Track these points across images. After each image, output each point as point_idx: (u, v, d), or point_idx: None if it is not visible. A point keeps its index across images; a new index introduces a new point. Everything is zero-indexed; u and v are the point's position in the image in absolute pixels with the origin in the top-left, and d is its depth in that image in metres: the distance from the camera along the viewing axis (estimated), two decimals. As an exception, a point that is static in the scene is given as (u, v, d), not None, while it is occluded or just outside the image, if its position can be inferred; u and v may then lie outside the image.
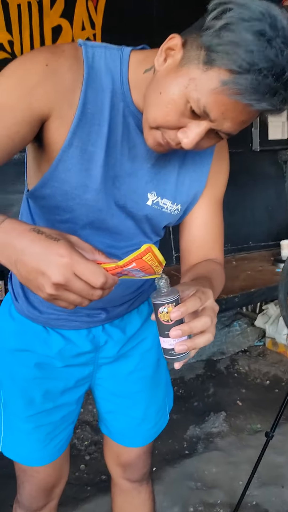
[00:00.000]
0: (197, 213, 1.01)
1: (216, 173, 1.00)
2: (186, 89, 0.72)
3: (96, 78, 0.82)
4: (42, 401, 1.09)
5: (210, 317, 0.69)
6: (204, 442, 2.30)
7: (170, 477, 2.07)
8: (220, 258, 1.03)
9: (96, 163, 0.84)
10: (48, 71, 0.77)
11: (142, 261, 0.63)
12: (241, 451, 2.22)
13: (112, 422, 1.22)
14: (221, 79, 0.68)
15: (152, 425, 1.22)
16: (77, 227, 0.92)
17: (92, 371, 1.14)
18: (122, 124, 0.85)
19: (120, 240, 0.97)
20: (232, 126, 0.74)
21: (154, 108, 0.77)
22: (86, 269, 0.59)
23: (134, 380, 1.17)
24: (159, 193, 0.94)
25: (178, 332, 0.67)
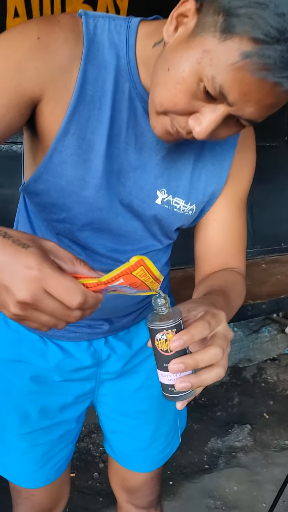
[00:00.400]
0: (215, 214, 0.87)
1: (239, 167, 0.85)
2: (199, 64, 0.58)
3: (98, 53, 0.69)
4: (38, 417, 0.99)
5: (222, 347, 0.55)
6: (226, 456, 2.16)
7: (187, 493, 1.94)
8: (241, 267, 0.89)
9: (96, 154, 0.72)
10: (40, 45, 0.65)
11: (131, 276, 0.49)
12: (266, 469, 2.07)
13: (116, 443, 1.10)
14: (243, 51, 0.53)
15: (161, 449, 1.10)
16: (74, 228, 0.80)
17: (94, 386, 1.03)
18: (127, 108, 0.73)
19: (125, 243, 0.85)
20: (256, 112, 0.59)
21: (161, 88, 0.63)
22: (59, 285, 0.47)
23: (141, 399, 1.05)
24: (170, 190, 0.81)
25: (179, 366, 0.53)
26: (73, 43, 0.68)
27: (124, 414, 1.06)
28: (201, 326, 0.54)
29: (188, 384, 0.54)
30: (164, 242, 0.90)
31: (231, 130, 0.66)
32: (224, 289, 0.75)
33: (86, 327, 0.95)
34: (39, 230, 0.88)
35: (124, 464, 1.11)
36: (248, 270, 2.48)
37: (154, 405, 1.06)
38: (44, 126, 0.71)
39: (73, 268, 0.53)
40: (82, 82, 0.68)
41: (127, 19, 0.71)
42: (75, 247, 0.85)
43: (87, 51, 0.68)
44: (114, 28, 0.70)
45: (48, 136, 0.71)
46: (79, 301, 0.48)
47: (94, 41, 0.69)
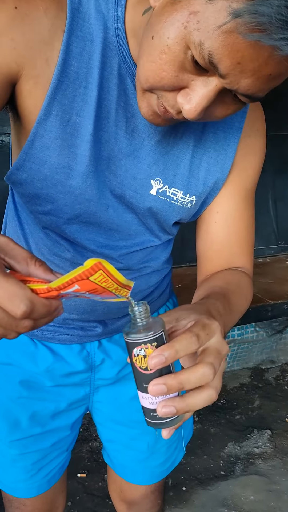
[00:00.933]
0: (218, 206, 0.77)
1: (245, 154, 0.75)
2: (185, 29, 0.49)
3: (84, 24, 0.61)
4: (29, 424, 0.93)
5: (213, 365, 0.46)
6: (244, 463, 2.06)
7: (201, 500, 1.86)
8: (248, 267, 0.79)
9: (83, 139, 0.64)
10: (17, 15, 0.58)
11: (89, 282, 0.41)
12: (285, 478, 1.95)
13: (114, 452, 1.03)
14: (232, 9, 0.44)
15: (162, 461, 1.02)
16: (60, 222, 0.72)
17: (88, 393, 0.95)
18: (117, 87, 0.64)
19: (117, 238, 0.77)
20: (253, 84, 0.50)
21: (145, 60, 0.54)
22: (1, 291, 0.40)
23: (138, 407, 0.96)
24: (166, 180, 0.72)
25: (161, 387, 0.44)
26: (55, 13, 0.60)
27: (121, 423, 0.98)
28: (187, 340, 0.46)
29: (172, 409, 0.44)
30: (162, 237, 0.81)
31: (229, 108, 0.57)
32: (225, 291, 0.66)
33: (78, 329, 0.88)
34: (26, 223, 0.81)
35: (122, 475, 1.04)
36: (271, 267, 2.37)
37: (154, 414, 0.98)
38: (24, 108, 0.63)
39: (26, 269, 0.45)
40: (65, 56, 0.61)
41: None
42: (63, 242, 0.77)
43: (71, 21, 0.61)
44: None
45: (29, 118, 0.64)
46: (23, 310, 0.40)
47: (79, 11, 0.61)
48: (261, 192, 2.33)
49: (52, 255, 0.79)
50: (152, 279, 0.88)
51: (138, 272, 0.83)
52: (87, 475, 1.97)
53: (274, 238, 2.42)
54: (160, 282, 0.92)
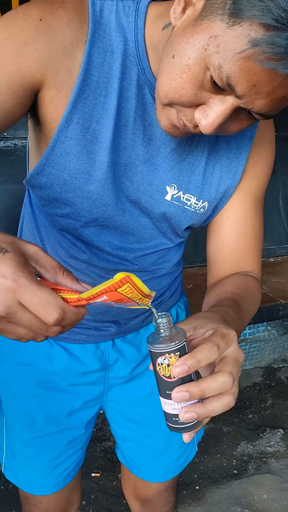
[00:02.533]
0: (228, 212, 0.79)
1: (256, 162, 0.78)
2: (205, 51, 0.52)
3: (105, 36, 0.64)
4: (44, 423, 0.95)
5: (232, 374, 0.48)
6: (256, 462, 2.06)
7: (214, 498, 1.87)
8: (257, 271, 0.81)
9: (102, 146, 0.66)
10: (42, 27, 0.60)
11: (116, 293, 0.44)
12: (298, 477, 1.96)
13: (128, 451, 1.05)
14: (251, 38, 0.47)
15: (175, 458, 1.04)
16: (78, 225, 0.75)
17: (102, 391, 0.97)
18: (135, 96, 0.67)
19: (132, 241, 0.79)
20: (267, 104, 0.53)
21: (166, 77, 0.57)
22: (36, 298, 0.42)
23: (152, 405, 0.99)
24: (181, 186, 0.74)
25: (183, 394, 0.47)
26: (78, 25, 0.62)
27: (135, 421, 1.00)
28: (208, 350, 0.48)
29: (193, 414, 0.47)
30: (174, 240, 0.83)
31: (242, 123, 0.60)
32: (236, 298, 0.68)
33: (93, 329, 0.90)
34: (42, 225, 0.83)
35: (136, 472, 1.06)
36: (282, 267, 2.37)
37: (167, 412, 1.00)
38: (46, 115, 0.66)
39: (55, 278, 0.47)
40: (86, 66, 0.63)
41: (136, 0, 0.65)
42: (79, 244, 0.79)
43: (93, 33, 0.63)
44: (122, 9, 0.65)
45: (50, 125, 0.66)
46: (56, 317, 0.42)
47: (100, 23, 0.64)
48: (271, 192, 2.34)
49: (68, 257, 0.81)
50: (164, 280, 0.90)
51: (152, 273, 0.85)
52: (101, 475, 1.99)
53: (285, 238, 2.42)
54: (171, 283, 0.94)
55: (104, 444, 2.16)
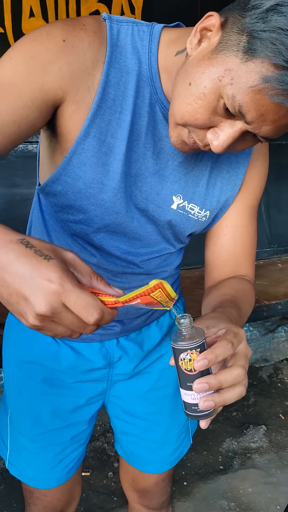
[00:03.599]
0: (227, 221, 0.87)
1: (253, 175, 0.85)
2: (220, 82, 0.59)
3: (121, 58, 0.70)
4: (50, 419, 0.99)
5: (244, 367, 0.55)
6: (241, 457, 2.14)
7: (202, 493, 1.93)
8: (251, 276, 0.88)
9: (115, 158, 0.72)
10: (65, 47, 0.65)
11: (149, 297, 0.51)
12: (280, 471, 2.04)
13: (128, 444, 1.10)
14: (263, 75, 0.55)
15: (173, 450, 1.09)
16: (90, 230, 0.81)
17: (105, 388, 1.02)
18: (147, 114, 0.73)
19: (139, 246, 0.85)
20: (272, 130, 0.61)
21: (182, 102, 0.64)
22: (79, 301, 0.47)
23: (153, 400, 1.04)
24: (186, 196, 0.81)
25: (204, 385, 0.53)
26: (97, 47, 0.68)
27: (135, 416, 1.06)
28: (224, 346, 0.54)
29: (211, 403, 0.54)
30: (176, 246, 0.90)
31: (247, 144, 0.67)
32: (236, 300, 0.75)
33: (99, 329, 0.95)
34: (53, 230, 0.88)
35: (135, 465, 1.11)
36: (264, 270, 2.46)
37: (166, 406, 1.06)
38: (64, 128, 0.71)
39: (90, 282, 0.53)
40: (104, 85, 0.69)
41: (150, 25, 0.72)
42: (90, 248, 0.85)
43: (111, 55, 0.69)
44: (137, 33, 0.71)
45: (67, 137, 0.71)
46: (96, 318, 0.48)
47: (117, 45, 0.70)
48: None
49: None
50: (165, 282, 0.96)
51: (155, 276, 0.91)
52: (91, 474, 2.04)
53: (267, 242, 2.51)
54: (172, 284, 1.00)
55: (94, 443, 2.20)
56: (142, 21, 0.72)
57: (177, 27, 0.73)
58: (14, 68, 0.64)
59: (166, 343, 1.03)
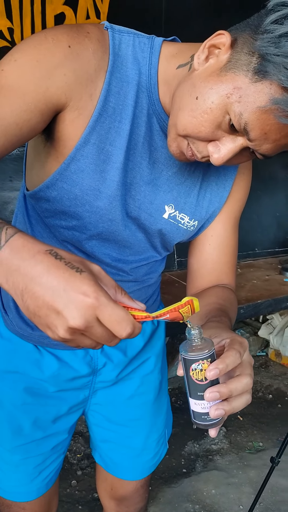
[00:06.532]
0: (212, 231, 0.89)
1: (238, 188, 0.88)
2: (228, 99, 0.60)
3: (122, 67, 0.70)
4: (31, 430, 0.97)
5: (251, 376, 0.57)
6: (203, 459, 2.18)
7: (166, 497, 1.95)
8: (233, 285, 0.91)
9: (113, 166, 0.73)
10: (70, 53, 0.65)
11: (177, 313, 0.52)
12: (242, 471, 2.10)
13: (108, 452, 1.09)
14: (273, 97, 0.57)
15: (152, 456, 1.10)
16: (82, 237, 0.80)
17: (87, 396, 1.01)
18: (145, 124, 0.74)
19: (128, 254, 0.85)
20: (271, 149, 0.64)
21: (187, 114, 0.65)
22: (114, 315, 0.47)
23: (134, 406, 1.05)
24: (177, 206, 0.82)
25: (215, 394, 0.54)
26: (101, 55, 0.68)
27: (117, 423, 1.05)
28: (233, 356, 0.56)
29: (222, 411, 0.55)
30: (162, 254, 0.91)
31: (244, 159, 0.69)
32: (224, 308, 0.78)
33: None
34: (40, 236, 0.86)
35: (114, 473, 1.10)
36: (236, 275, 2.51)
37: (147, 412, 1.06)
38: (63, 133, 0.70)
39: (115, 296, 0.52)
40: (106, 94, 0.69)
41: (151, 38, 0.73)
42: (80, 254, 0.84)
43: (113, 64, 0.69)
44: (138, 45, 0.71)
45: (66, 143, 0.71)
46: (129, 332, 0.48)
47: (119, 55, 0.70)
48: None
49: None
50: (150, 289, 0.97)
51: (142, 283, 0.92)
52: (53, 482, 1.99)
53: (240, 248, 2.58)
54: (154, 291, 1.01)
55: (55, 452, 2.15)
56: (142, 33, 0.73)
57: (175, 42, 0.75)
58: (19, 70, 0.63)
59: (148, 349, 1.04)
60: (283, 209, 2.86)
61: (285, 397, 2.71)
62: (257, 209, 2.72)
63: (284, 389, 2.79)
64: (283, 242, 2.84)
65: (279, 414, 2.54)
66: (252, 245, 2.74)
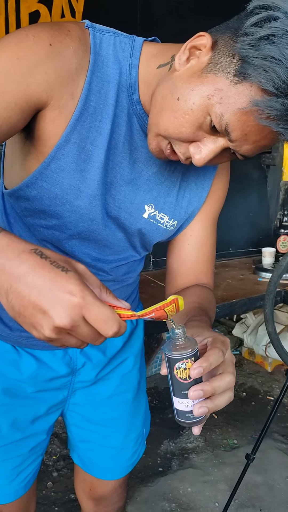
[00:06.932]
0: (191, 231, 0.90)
1: (217, 188, 0.90)
2: (209, 100, 0.61)
3: (103, 67, 0.70)
4: (9, 431, 0.96)
5: (233, 374, 0.58)
6: (179, 458, 2.19)
7: (143, 497, 1.95)
8: (211, 284, 0.93)
9: (93, 165, 0.72)
10: (51, 52, 0.64)
11: (162, 311, 0.53)
12: (217, 469, 2.12)
13: (86, 452, 1.09)
14: (253, 99, 0.58)
15: (130, 455, 1.11)
16: (62, 236, 0.80)
17: (66, 396, 1.01)
18: (125, 123, 0.74)
19: (108, 253, 0.85)
20: (252, 149, 0.65)
21: (169, 115, 0.66)
22: (100, 314, 0.47)
23: (113, 406, 1.05)
24: (157, 205, 0.83)
25: (199, 393, 0.55)
26: (82, 54, 0.68)
27: (95, 422, 1.05)
28: (216, 355, 0.57)
29: (205, 409, 0.55)
30: (142, 253, 0.92)
31: (224, 159, 0.71)
32: (204, 308, 0.79)
33: None
34: (18, 235, 0.85)
35: (93, 473, 1.10)
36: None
37: (125, 411, 1.07)
38: (44, 132, 0.69)
39: (100, 295, 0.52)
40: (87, 93, 0.69)
41: (131, 38, 0.73)
42: (60, 254, 0.83)
43: (94, 63, 0.69)
44: (119, 44, 0.71)
45: (46, 142, 0.70)
46: (115, 331, 0.48)
47: (100, 54, 0.70)
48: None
49: None
50: (129, 288, 0.98)
51: (121, 282, 0.92)
52: (28, 485, 1.97)
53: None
54: (133, 290, 1.02)
55: (31, 454, 2.13)
56: (123, 33, 0.74)
57: (157, 42, 0.75)
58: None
59: (127, 348, 1.04)
60: (256, 209, 2.91)
61: (258, 395, 2.76)
62: (232, 209, 2.76)
63: (258, 387, 2.84)
64: (257, 242, 2.89)
65: (253, 412, 2.58)
66: (227, 245, 2.78)
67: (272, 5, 0.57)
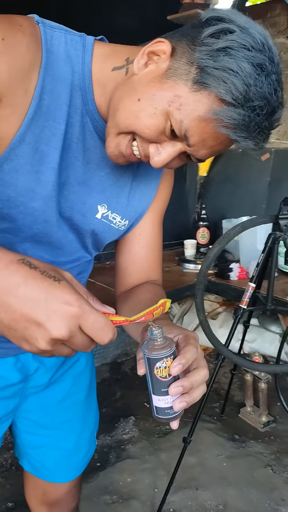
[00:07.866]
0: (140, 229, 0.92)
1: (163, 187, 0.92)
2: (169, 106, 0.63)
3: (54, 65, 0.68)
4: None
5: (206, 367, 0.62)
6: (116, 450, 2.23)
7: (84, 493, 1.94)
8: (160, 280, 0.96)
9: (48, 166, 0.71)
10: (4, 46, 0.61)
11: (151, 314, 0.55)
12: (153, 456, 2.19)
13: (38, 457, 1.07)
14: (212, 108, 0.61)
15: (84, 454, 1.11)
16: (16, 240, 0.77)
17: (18, 403, 0.98)
18: (79, 123, 0.73)
19: (60, 255, 0.85)
20: (207, 154, 0.68)
21: (130, 115, 0.66)
22: (96, 323, 0.47)
23: (66, 408, 1.04)
24: (110, 206, 0.83)
25: (179, 389, 0.58)
26: (35, 51, 0.65)
27: (48, 427, 1.04)
28: (191, 351, 0.60)
29: (185, 403, 0.59)
30: (93, 254, 0.92)
31: (180, 162, 0.73)
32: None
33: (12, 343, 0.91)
34: None
35: (46, 478, 1.09)
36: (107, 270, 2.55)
37: (78, 412, 1.07)
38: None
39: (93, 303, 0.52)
40: (40, 91, 0.67)
41: (82, 36, 0.72)
42: None
43: (46, 60, 0.67)
44: (70, 42, 0.70)
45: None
46: (110, 338, 0.48)
47: (51, 52, 0.68)
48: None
49: None
50: (81, 289, 0.97)
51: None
52: None
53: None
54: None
55: None
56: (72, 30, 0.72)
57: (108, 43, 0.75)
58: None
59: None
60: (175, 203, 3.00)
61: (186, 380, 2.87)
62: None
63: (185, 373, 2.96)
64: (178, 234, 2.99)
65: (182, 397, 2.68)
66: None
67: (226, 17, 0.60)
